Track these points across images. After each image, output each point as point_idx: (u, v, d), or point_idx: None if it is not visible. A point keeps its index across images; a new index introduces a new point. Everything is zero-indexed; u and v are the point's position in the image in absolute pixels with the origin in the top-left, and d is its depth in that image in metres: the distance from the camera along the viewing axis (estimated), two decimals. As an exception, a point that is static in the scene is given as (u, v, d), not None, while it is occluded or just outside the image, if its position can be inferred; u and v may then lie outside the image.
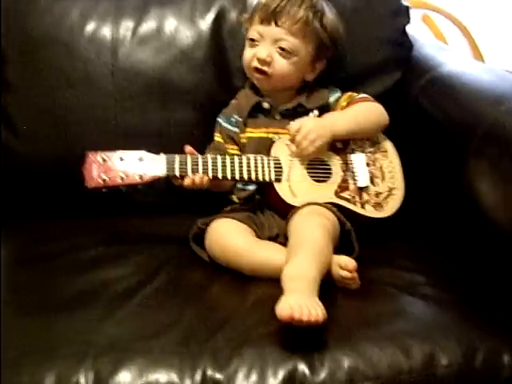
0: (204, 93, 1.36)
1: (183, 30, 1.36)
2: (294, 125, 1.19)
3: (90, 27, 1.35)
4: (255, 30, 1.24)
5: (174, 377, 0.88)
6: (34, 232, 1.29)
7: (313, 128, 1.18)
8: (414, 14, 1.51)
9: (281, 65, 1.23)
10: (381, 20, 1.41)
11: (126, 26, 1.36)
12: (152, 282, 1.09)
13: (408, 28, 1.44)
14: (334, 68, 1.35)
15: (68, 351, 0.91)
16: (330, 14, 1.26)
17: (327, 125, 1.21)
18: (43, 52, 1.34)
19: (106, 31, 1.35)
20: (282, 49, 1.22)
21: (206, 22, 1.37)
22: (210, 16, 1.37)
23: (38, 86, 1.34)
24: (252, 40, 1.24)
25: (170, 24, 1.36)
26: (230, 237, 1.13)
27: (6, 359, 0.88)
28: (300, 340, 0.91)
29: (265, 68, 1.23)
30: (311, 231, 1.07)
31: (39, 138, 1.34)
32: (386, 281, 1.08)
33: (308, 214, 1.12)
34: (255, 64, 1.24)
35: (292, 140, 1.19)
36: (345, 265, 1.03)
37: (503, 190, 1.04)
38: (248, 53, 1.26)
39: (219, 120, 1.32)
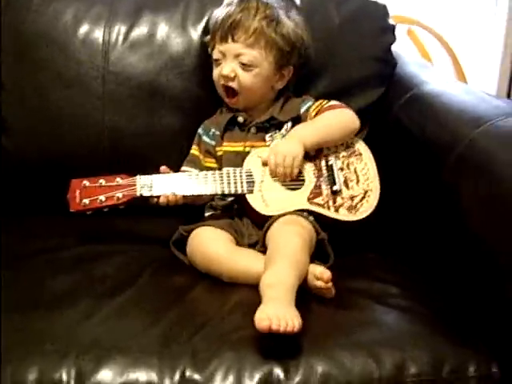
0: (191, 100, 1.39)
1: (174, 37, 1.39)
2: (270, 157, 1.21)
3: (83, 29, 1.38)
4: (217, 50, 1.28)
5: (154, 376, 0.91)
6: (19, 229, 1.31)
7: (287, 152, 1.21)
8: (400, 29, 1.55)
9: (245, 79, 1.26)
10: (367, 37, 1.45)
11: (119, 29, 1.39)
12: (135, 283, 1.11)
13: (393, 46, 1.48)
14: (318, 82, 1.40)
15: (50, 348, 0.94)
16: (286, 21, 1.29)
17: (297, 141, 1.23)
18: (36, 52, 1.37)
19: (99, 34, 1.38)
20: (243, 63, 1.25)
21: (196, 31, 1.40)
22: (201, 24, 1.40)
23: (31, 86, 1.37)
24: (216, 60, 1.28)
25: (162, 30, 1.39)
26: (210, 244, 1.16)
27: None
28: (276, 345, 0.94)
29: (230, 84, 1.27)
30: (288, 240, 1.10)
31: (30, 136, 1.37)
32: (361, 291, 1.11)
33: (285, 223, 1.15)
34: (222, 82, 1.28)
35: (273, 172, 1.22)
36: (320, 275, 1.06)
37: (477, 208, 1.07)
38: (214, 73, 1.30)
39: (200, 132, 1.35)
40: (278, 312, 0.92)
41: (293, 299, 0.99)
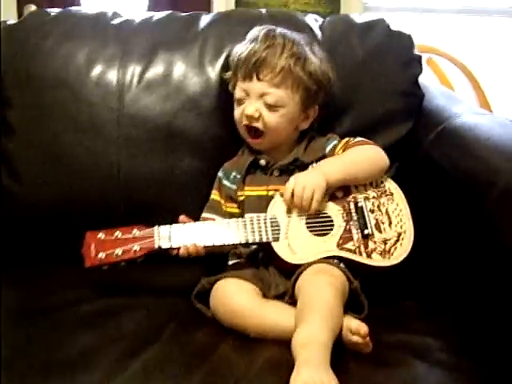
0: (211, 141, 1.33)
1: (191, 77, 1.34)
2: (288, 187, 1.15)
3: (97, 71, 1.34)
4: (240, 88, 1.22)
5: None
6: (34, 282, 1.24)
7: (307, 183, 1.14)
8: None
9: (270, 119, 1.21)
10: (393, 70, 1.39)
11: (133, 70, 1.34)
12: (157, 341, 1.04)
13: (420, 78, 1.42)
14: (343, 119, 1.34)
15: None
16: (313, 58, 1.23)
17: (320, 173, 1.17)
18: (48, 95, 1.33)
19: (113, 75, 1.34)
20: (269, 104, 1.20)
21: (214, 69, 1.35)
22: (219, 62, 1.35)
23: (42, 130, 1.32)
24: (239, 99, 1.23)
25: (178, 69, 1.35)
26: (235, 297, 1.09)
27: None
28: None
29: (255, 124, 1.21)
30: (320, 291, 1.02)
31: (42, 183, 1.31)
32: (399, 345, 1.04)
33: (315, 274, 1.08)
34: (245, 122, 1.22)
35: (290, 202, 1.15)
36: (356, 330, 0.99)
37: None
38: (237, 112, 1.24)
39: (220, 175, 1.29)
40: (315, 379, 0.85)
41: (328, 359, 0.91)
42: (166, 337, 1.05)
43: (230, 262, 1.23)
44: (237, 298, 1.08)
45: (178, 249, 1.13)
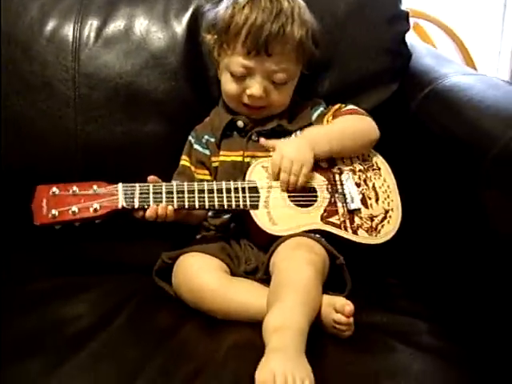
0: (177, 103, 1.22)
1: (155, 32, 1.23)
2: (274, 162, 1.06)
3: (50, 26, 1.23)
4: (239, 64, 1.09)
5: None
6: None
7: (294, 157, 1.05)
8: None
9: (277, 97, 1.13)
10: (376, 27, 1.28)
11: (91, 24, 1.23)
12: (110, 324, 0.94)
13: (407, 36, 1.32)
14: (325, 79, 1.24)
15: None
16: (312, 19, 1.14)
17: (307, 146, 1.08)
18: (-4, 53, 1.21)
19: (68, 30, 1.23)
20: (277, 82, 1.10)
21: (180, 23, 1.24)
22: (186, 16, 1.24)
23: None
24: (239, 76, 1.10)
25: (141, 24, 1.23)
26: (199, 276, 0.98)
27: None
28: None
29: (260, 104, 1.11)
30: (297, 270, 0.92)
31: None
32: (383, 327, 0.95)
33: (294, 248, 0.98)
34: (247, 101, 1.12)
35: (276, 176, 1.06)
36: (342, 308, 0.89)
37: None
38: (233, 88, 1.12)
39: (191, 139, 1.19)
40: (284, 368, 0.74)
41: (303, 346, 0.81)
42: (121, 320, 0.96)
43: (198, 237, 1.13)
44: (201, 276, 0.98)
45: (145, 210, 1.01)
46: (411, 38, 1.37)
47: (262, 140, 1.11)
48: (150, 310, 1.00)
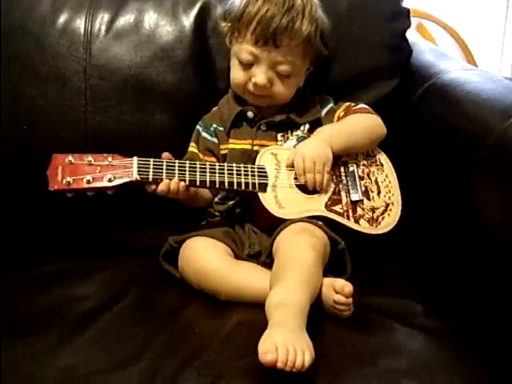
0: (185, 94, 1.24)
1: (164, 25, 1.25)
2: (298, 165, 1.08)
3: (62, 19, 1.25)
4: (248, 51, 1.11)
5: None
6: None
7: (316, 155, 1.08)
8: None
9: (280, 89, 1.14)
10: (378, 23, 1.30)
11: (102, 18, 1.25)
12: (117, 304, 0.98)
13: (408, 33, 1.34)
14: (326, 74, 1.26)
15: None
16: (324, 18, 1.16)
17: (327, 146, 1.10)
18: (10, 44, 1.23)
19: (80, 24, 1.24)
20: (282, 73, 1.12)
21: (188, 18, 1.26)
22: (194, 11, 1.26)
23: (3, 81, 1.22)
24: (246, 63, 1.13)
25: (150, 18, 1.25)
26: (204, 257, 1.02)
27: None
28: (282, 377, 0.78)
29: (264, 93, 1.14)
30: (299, 252, 0.95)
31: (3, 139, 1.22)
32: (381, 309, 0.98)
33: (297, 232, 1.00)
34: (251, 89, 1.14)
35: (301, 179, 1.09)
36: (341, 288, 0.92)
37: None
38: (240, 75, 1.14)
39: (198, 128, 1.21)
40: (286, 340, 0.77)
41: (304, 322, 0.84)
42: (128, 300, 0.99)
43: (203, 223, 1.16)
44: (206, 258, 1.01)
45: (157, 185, 1.03)
46: (413, 35, 1.39)
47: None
48: (157, 291, 1.03)
